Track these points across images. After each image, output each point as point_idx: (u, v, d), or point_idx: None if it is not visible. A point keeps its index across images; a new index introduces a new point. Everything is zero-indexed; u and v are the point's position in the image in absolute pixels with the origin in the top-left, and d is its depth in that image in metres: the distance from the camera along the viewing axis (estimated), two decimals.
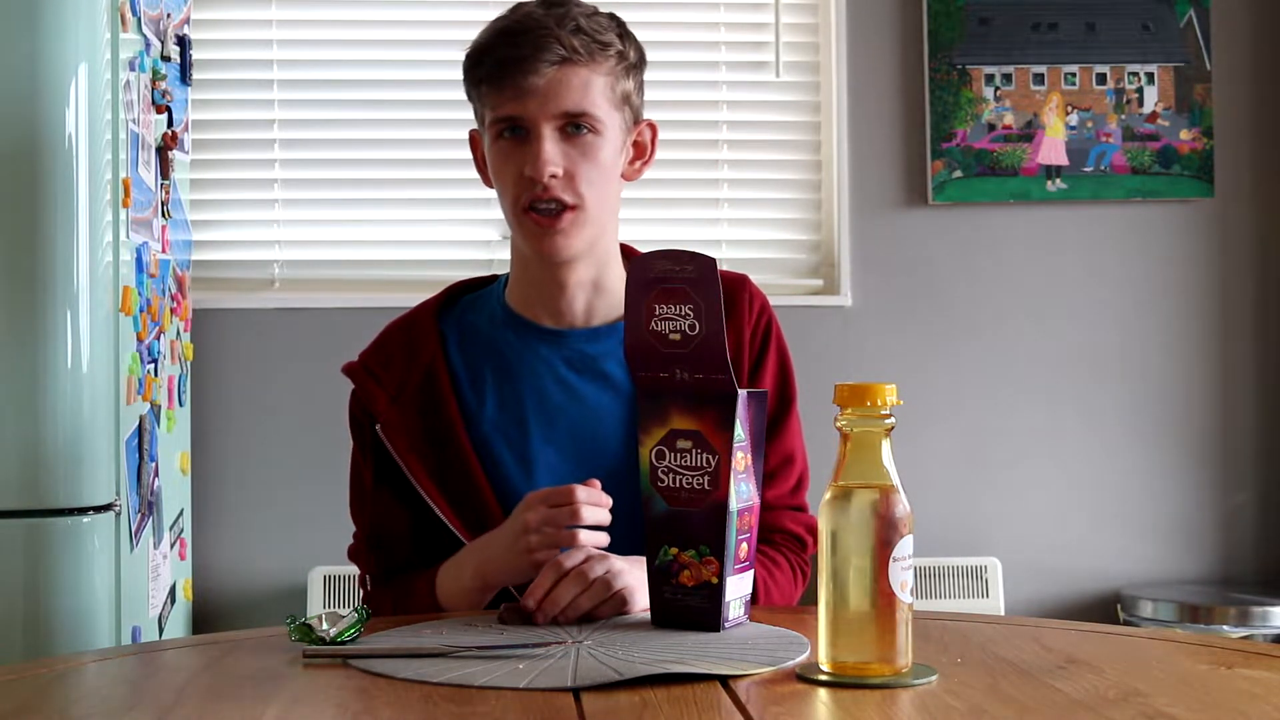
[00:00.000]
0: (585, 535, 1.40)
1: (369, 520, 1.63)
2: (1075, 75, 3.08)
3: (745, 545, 1.32)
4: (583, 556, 1.37)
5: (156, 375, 2.46)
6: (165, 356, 2.54)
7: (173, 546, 2.61)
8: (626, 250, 1.67)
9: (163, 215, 2.56)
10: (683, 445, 1.31)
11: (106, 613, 2.19)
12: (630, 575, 1.36)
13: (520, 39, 1.53)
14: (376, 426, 1.60)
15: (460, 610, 1.52)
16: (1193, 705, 1.02)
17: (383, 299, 2.91)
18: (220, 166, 3.01)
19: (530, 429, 1.59)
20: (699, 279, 1.29)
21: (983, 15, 3.07)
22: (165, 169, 2.56)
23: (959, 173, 3.05)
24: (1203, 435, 3.12)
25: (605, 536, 1.41)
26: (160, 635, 2.47)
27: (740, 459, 1.30)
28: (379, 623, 1.38)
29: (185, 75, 2.70)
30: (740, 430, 1.30)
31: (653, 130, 1.66)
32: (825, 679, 1.09)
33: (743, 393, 1.29)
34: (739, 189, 3.11)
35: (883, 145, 3.08)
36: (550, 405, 1.60)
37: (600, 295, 1.63)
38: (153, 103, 2.48)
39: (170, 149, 2.57)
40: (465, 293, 1.71)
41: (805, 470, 1.66)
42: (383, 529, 1.62)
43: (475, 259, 3.01)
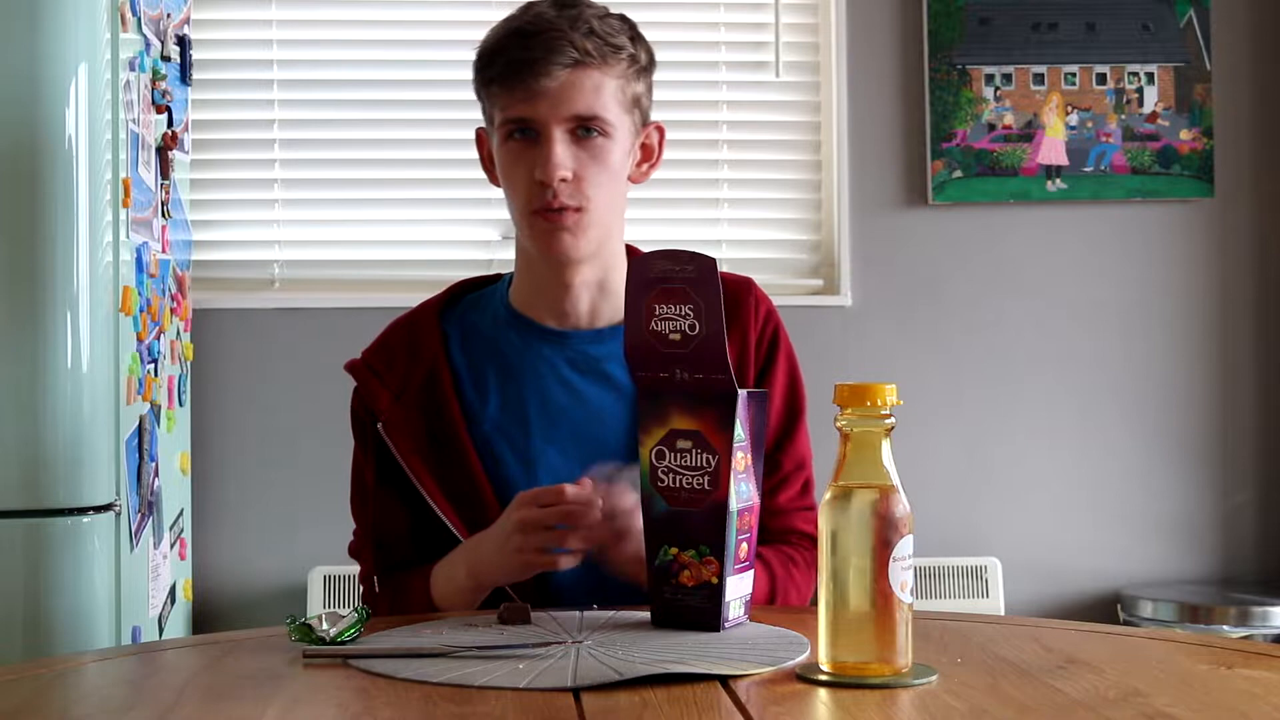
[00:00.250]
0: (574, 536, 1.40)
1: (369, 519, 1.63)
2: (1075, 75, 3.08)
3: (745, 545, 1.32)
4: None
5: (156, 375, 2.46)
6: (165, 356, 2.54)
7: (173, 546, 2.61)
8: (632, 251, 1.67)
9: (163, 215, 2.56)
10: (683, 445, 1.31)
11: (106, 613, 2.19)
12: (634, 518, 1.38)
13: (533, 40, 1.52)
14: (379, 425, 1.60)
15: (455, 609, 1.52)
16: (1193, 705, 1.02)
17: (383, 299, 2.91)
18: (220, 166, 3.01)
19: (532, 429, 1.59)
20: (699, 279, 1.29)
21: (983, 15, 3.07)
22: (165, 169, 2.56)
23: (959, 173, 3.05)
24: (1203, 435, 3.12)
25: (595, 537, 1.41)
26: (160, 635, 2.47)
27: (740, 459, 1.30)
28: (379, 623, 1.38)
29: (185, 75, 2.70)
30: (740, 430, 1.30)
31: (660, 133, 1.66)
32: (825, 679, 1.09)
33: (743, 393, 1.29)
34: (739, 189, 3.11)
35: (883, 145, 3.08)
36: (553, 406, 1.59)
37: (605, 297, 1.63)
38: (153, 103, 2.48)
39: (170, 149, 2.57)
40: (468, 292, 1.71)
41: (812, 471, 1.66)
42: (383, 528, 1.62)
43: (475, 259, 3.01)
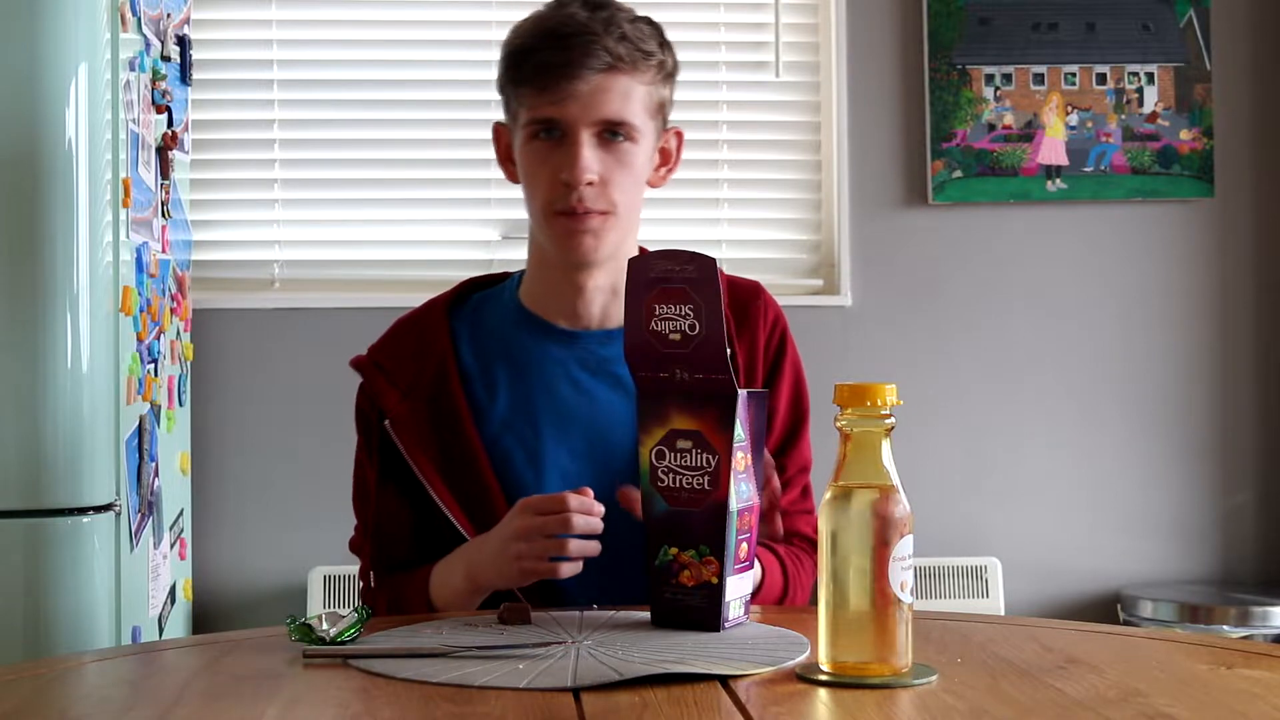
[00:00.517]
0: (575, 544, 1.40)
1: (371, 516, 1.62)
2: (1075, 75, 3.08)
3: (745, 545, 1.32)
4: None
5: (156, 375, 2.46)
6: (165, 356, 2.54)
7: (173, 546, 2.61)
8: (642, 253, 1.68)
9: (163, 215, 2.56)
10: (683, 445, 1.31)
11: (106, 613, 2.19)
12: None
13: (566, 42, 1.52)
14: (385, 423, 1.59)
15: (453, 610, 1.52)
16: (1193, 705, 1.02)
17: (383, 299, 2.91)
18: (220, 166, 3.01)
19: (541, 429, 1.59)
20: (699, 279, 1.29)
21: (983, 15, 3.07)
22: (165, 169, 2.56)
23: (959, 173, 3.05)
24: (1203, 435, 3.12)
25: (596, 545, 1.41)
26: (160, 635, 2.47)
27: (740, 459, 1.30)
28: (379, 623, 1.38)
29: (185, 75, 2.70)
30: (740, 430, 1.30)
31: (679, 138, 1.67)
32: (825, 679, 1.09)
33: (743, 393, 1.29)
34: (739, 189, 3.10)
35: (883, 145, 3.08)
36: (563, 406, 1.59)
37: (616, 299, 1.63)
38: (153, 103, 2.48)
39: (170, 149, 2.57)
40: (476, 290, 1.71)
41: (810, 478, 1.67)
42: (384, 526, 1.62)
43: (475, 259, 3.01)
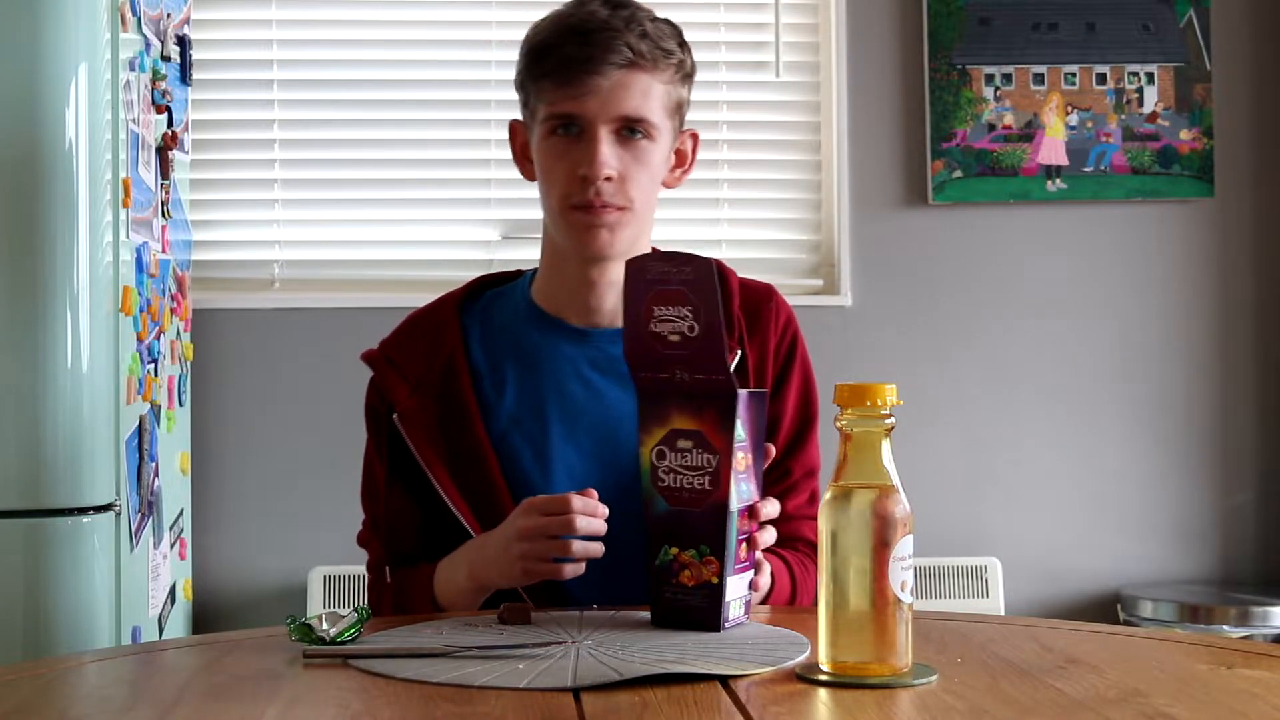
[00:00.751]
0: (578, 546, 1.40)
1: (380, 510, 1.62)
2: (1075, 75, 3.08)
3: (745, 545, 1.32)
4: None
5: (156, 375, 2.46)
6: (165, 356, 2.54)
7: (173, 546, 2.61)
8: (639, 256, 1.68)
9: (163, 215, 2.56)
10: (683, 445, 1.31)
11: (106, 613, 2.19)
12: None
13: (588, 38, 1.53)
14: (394, 416, 1.59)
15: (456, 609, 1.52)
16: (1193, 705, 1.02)
17: (383, 299, 2.92)
18: (220, 166, 3.01)
19: (550, 426, 1.59)
20: (696, 280, 1.29)
21: (983, 15, 3.07)
22: (165, 169, 2.56)
23: (959, 173, 3.05)
24: (1203, 435, 3.12)
25: (599, 546, 1.41)
26: (160, 635, 2.47)
27: (741, 459, 1.30)
28: (379, 623, 1.38)
29: (185, 75, 2.70)
30: (740, 430, 1.30)
31: (694, 139, 1.68)
32: (825, 679, 1.09)
33: (743, 392, 1.30)
34: (739, 189, 3.10)
35: (883, 145, 3.08)
36: (572, 403, 1.59)
37: None
38: (153, 103, 2.48)
39: (170, 149, 2.57)
40: (488, 287, 1.71)
41: (818, 482, 1.67)
42: (392, 521, 1.62)
43: (475, 259, 3.01)
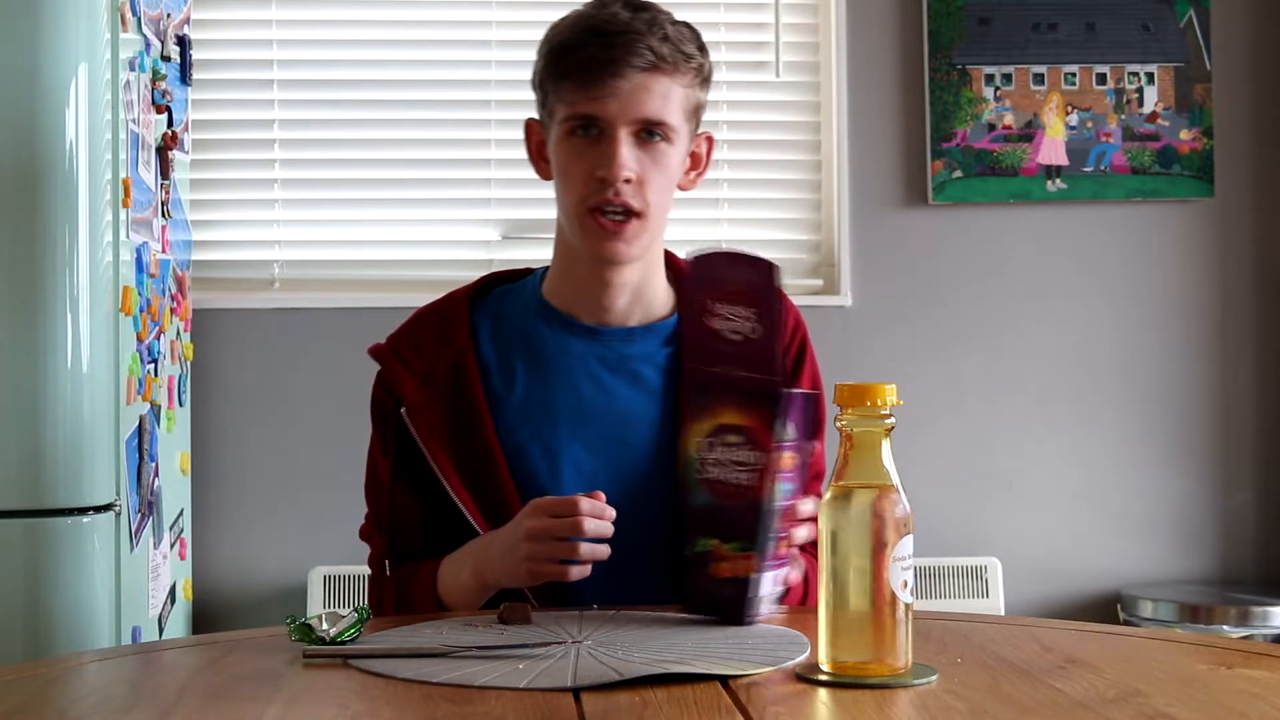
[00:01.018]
0: (585, 548, 1.40)
1: (384, 505, 1.62)
2: (1075, 75, 3.08)
3: (781, 543, 1.33)
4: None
5: (156, 375, 2.46)
6: (165, 356, 2.54)
7: (173, 546, 2.61)
8: (668, 256, 1.68)
9: (163, 215, 2.56)
10: (730, 440, 1.31)
11: (106, 613, 2.19)
12: None
13: (611, 40, 1.53)
14: (401, 410, 1.59)
15: (459, 607, 1.52)
16: (1193, 705, 1.02)
17: (382, 299, 2.92)
18: (220, 166, 3.01)
19: (559, 424, 1.59)
20: (760, 283, 1.31)
21: (983, 15, 3.07)
22: (165, 169, 2.56)
23: (959, 173, 3.05)
24: (1203, 435, 3.12)
25: (606, 549, 1.41)
26: (160, 635, 2.47)
27: (787, 458, 1.31)
28: (379, 623, 1.38)
29: (185, 75, 2.70)
30: (788, 429, 1.30)
31: (709, 142, 1.68)
32: (825, 679, 1.09)
33: (795, 393, 1.30)
34: (739, 189, 3.10)
35: (883, 145, 3.08)
36: (582, 402, 1.59)
37: (639, 298, 1.63)
38: (153, 103, 2.48)
39: (170, 149, 2.57)
40: (498, 284, 1.71)
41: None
42: (396, 517, 1.62)
43: (475, 259, 3.01)
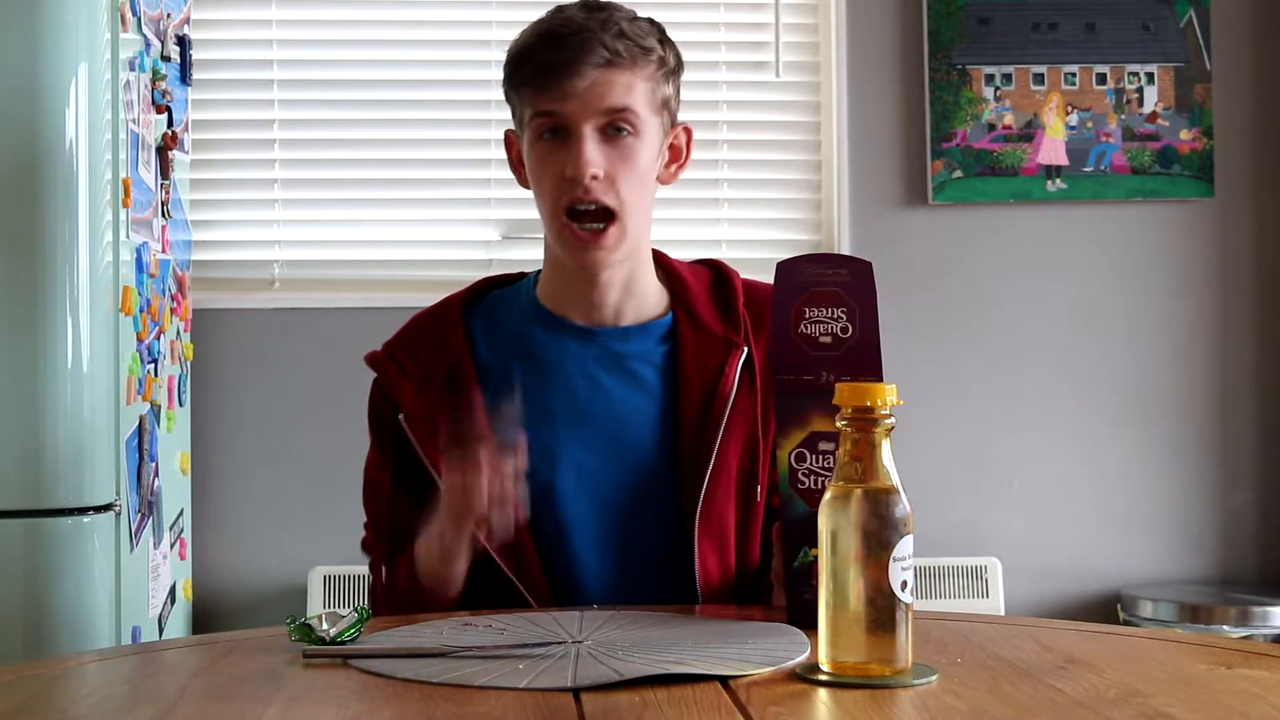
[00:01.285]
0: (495, 520, 1.42)
1: (384, 511, 1.62)
2: (1075, 75, 3.08)
3: None
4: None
5: (156, 375, 2.46)
6: (165, 356, 2.54)
7: (173, 546, 2.61)
8: (658, 256, 1.68)
9: (163, 215, 2.56)
10: (825, 448, 1.31)
11: (106, 613, 2.19)
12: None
13: (563, 42, 1.54)
14: (400, 416, 1.59)
15: (435, 575, 1.52)
16: (1193, 705, 1.02)
17: (382, 299, 2.92)
18: (220, 166, 3.01)
19: (558, 425, 1.59)
20: (854, 282, 1.31)
21: (983, 15, 3.07)
22: (165, 169, 2.56)
23: (959, 173, 3.05)
24: (1203, 435, 3.12)
25: (509, 497, 1.43)
26: (160, 635, 2.47)
27: None
28: (379, 623, 1.38)
29: (185, 75, 2.70)
30: None
31: (688, 134, 1.68)
32: (825, 679, 1.09)
33: None
34: (739, 189, 3.11)
35: (883, 145, 3.08)
36: (579, 402, 1.60)
37: (631, 296, 1.63)
38: (153, 103, 2.48)
39: (170, 149, 2.57)
40: (492, 289, 1.71)
41: None
42: (396, 524, 1.61)
43: (475, 259, 3.01)
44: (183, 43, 2.68)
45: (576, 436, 1.58)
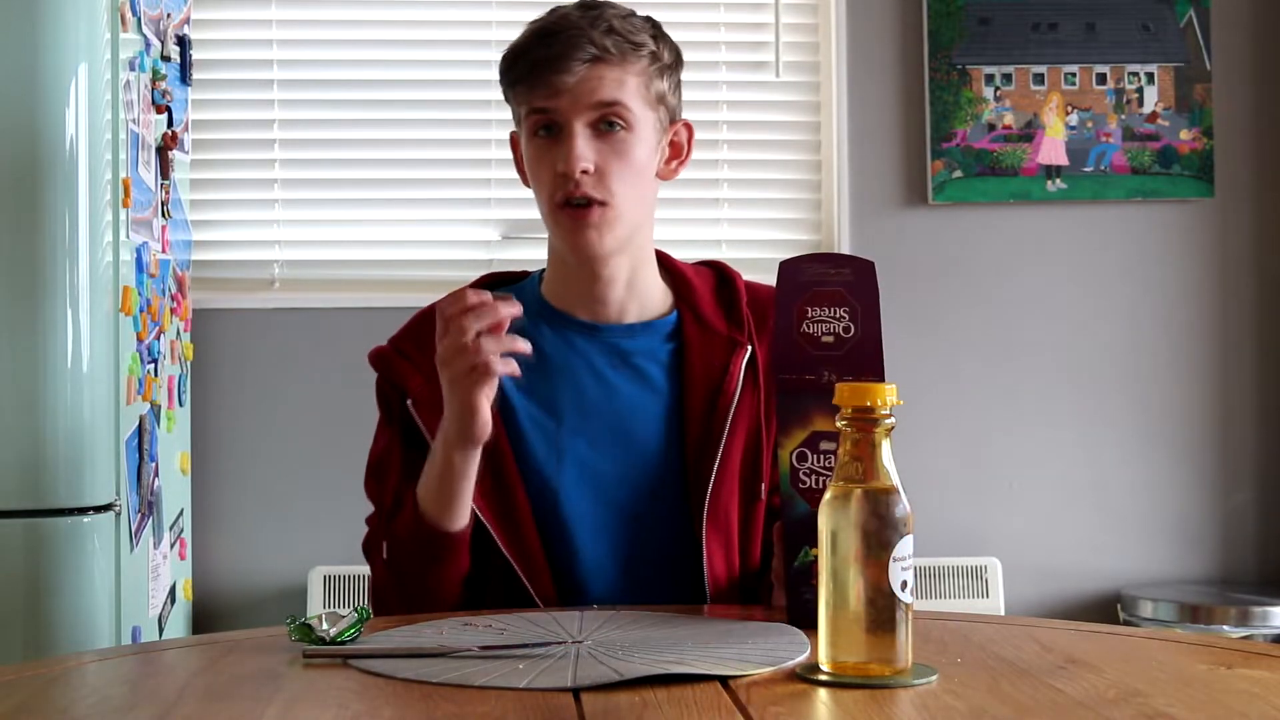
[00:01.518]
0: (484, 343, 1.40)
1: (390, 497, 1.57)
2: (1075, 75, 3.08)
3: None
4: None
5: (156, 375, 2.46)
6: (165, 356, 2.54)
7: (173, 546, 2.61)
8: (662, 256, 1.68)
9: (163, 215, 2.56)
10: (826, 447, 1.31)
11: (106, 613, 2.19)
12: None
13: (553, 39, 1.55)
14: (408, 402, 1.58)
15: (438, 512, 1.49)
16: (1193, 705, 1.02)
17: (382, 299, 2.92)
18: (220, 166, 3.01)
19: (564, 420, 1.59)
20: (856, 281, 1.31)
21: (983, 15, 3.07)
22: (165, 169, 2.56)
23: (959, 173, 3.05)
24: (1203, 435, 3.12)
25: (505, 317, 1.42)
26: (160, 635, 2.47)
27: None
28: (379, 623, 1.38)
29: (185, 75, 2.70)
30: None
31: (689, 130, 1.68)
32: (825, 679, 1.09)
33: None
34: (739, 189, 3.11)
35: (883, 145, 3.08)
36: (585, 398, 1.60)
37: (634, 293, 1.63)
38: (153, 103, 2.48)
39: (170, 149, 2.57)
40: (498, 285, 1.71)
41: None
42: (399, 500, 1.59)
43: (475, 259, 3.01)
44: (183, 43, 2.68)
45: (582, 432, 1.58)
